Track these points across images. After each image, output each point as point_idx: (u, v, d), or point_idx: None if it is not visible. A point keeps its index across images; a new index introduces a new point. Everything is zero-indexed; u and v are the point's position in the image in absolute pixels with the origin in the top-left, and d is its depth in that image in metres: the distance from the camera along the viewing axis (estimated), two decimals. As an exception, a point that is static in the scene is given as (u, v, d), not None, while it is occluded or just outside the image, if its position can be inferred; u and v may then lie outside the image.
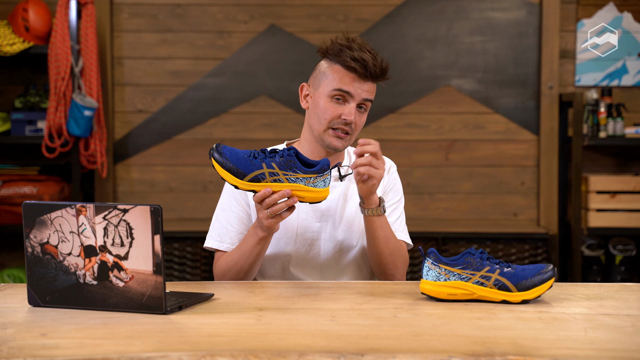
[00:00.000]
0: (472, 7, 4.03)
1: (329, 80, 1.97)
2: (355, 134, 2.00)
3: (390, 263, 1.98)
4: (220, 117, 4.06)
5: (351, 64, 1.93)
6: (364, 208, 1.92)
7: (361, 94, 1.96)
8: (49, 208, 1.56)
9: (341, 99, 1.96)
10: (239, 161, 1.75)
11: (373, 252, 1.97)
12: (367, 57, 1.93)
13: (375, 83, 1.99)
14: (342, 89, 1.95)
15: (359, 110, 1.98)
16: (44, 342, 1.32)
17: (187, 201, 4.08)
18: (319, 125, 1.98)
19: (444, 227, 3.88)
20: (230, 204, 2.04)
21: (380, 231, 1.94)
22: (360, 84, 1.95)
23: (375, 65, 1.94)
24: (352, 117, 1.95)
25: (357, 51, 1.94)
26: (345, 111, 1.95)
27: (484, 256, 1.65)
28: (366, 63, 1.93)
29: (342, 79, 1.95)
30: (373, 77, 1.96)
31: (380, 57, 1.97)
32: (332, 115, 1.96)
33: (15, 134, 3.83)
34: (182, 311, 1.54)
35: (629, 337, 1.36)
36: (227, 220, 2.03)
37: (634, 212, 3.80)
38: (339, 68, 1.96)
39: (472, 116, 4.06)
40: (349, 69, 1.95)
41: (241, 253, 1.92)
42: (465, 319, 1.49)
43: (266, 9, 4.03)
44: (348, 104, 1.96)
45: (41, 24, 3.77)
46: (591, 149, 4.06)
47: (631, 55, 4.01)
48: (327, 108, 1.96)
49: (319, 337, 1.34)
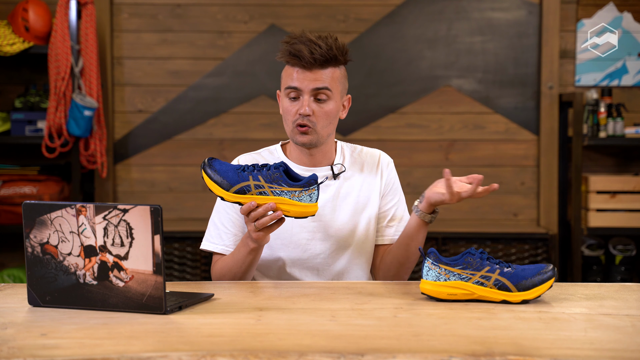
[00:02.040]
0: (472, 7, 4.03)
1: (282, 81, 2.00)
2: (321, 124, 1.97)
3: (410, 268, 2.04)
4: (220, 117, 4.06)
5: (290, 59, 1.95)
6: (426, 213, 1.93)
7: (309, 85, 1.94)
8: (49, 208, 1.56)
9: (294, 94, 1.97)
10: (226, 173, 1.78)
11: (403, 254, 2.01)
12: (301, 47, 1.92)
13: (326, 69, 1.95)
14: (290, 85, 1.96)
15: (318, 101, 1.96)
16: (44, 342, 1.32)
17: (187, 201, 4.08)
18: (287, 127, 2.00)
19: (444, 227, 3.88)
20: (224, 207, 2.04)
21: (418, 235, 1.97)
22: (305, 74, 1.94)
23: (313, 52, 1.91)
24: (305, 110, 1.94)
25: (293, 45, 1.93)
26: (298, 106, 1.96)
27: (484, 256, 1.65)
28: (301, 53, 1.92)
29: (289, 76, 1.97)
30: (318, 64, 1.93)
31: (331, 43, 1.93)
32: (290, 113, 1.97)
33: (15, 134, 3.83)
34: (182, 311, 1.54)
35: (629, 337, 1.36)
36: (221, 222, 2.04)
37: (634, 212, 3.80)
38: (286, 67, 1.98)
39: (472, 116, 4.06)
40: (291, 64, 1.96)
41: (234, 261, 1.93)
42: (465, 319, 1.49)
43: (266, 9, 4.03)
44: (301, 98, 1.96)
45: (41, 24, 3.77)
46: (591, 149, 4.06)
47: (631, 55, 4.01)
48: (286, 108, 1.98)
49: (319, 337, 1.34)
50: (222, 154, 4.05)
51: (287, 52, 1.94)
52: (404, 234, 2.00)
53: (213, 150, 4.05)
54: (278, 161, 1.93)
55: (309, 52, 1.92)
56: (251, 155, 2.10)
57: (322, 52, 1.93)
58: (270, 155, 2.09)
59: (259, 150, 2.11)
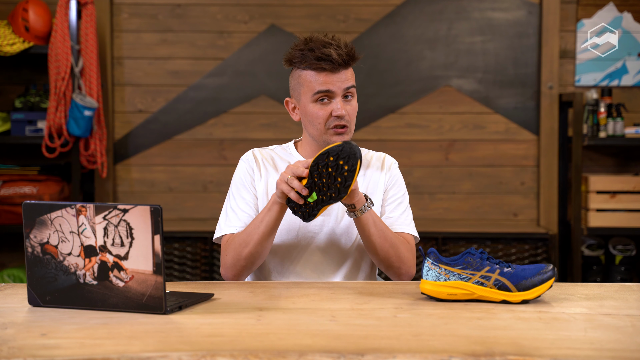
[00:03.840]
0: (472, 7, 4.03)
1: (306, 88, 1.99)
2: (353, 121, 2.02)
3: (394, 256, 1.98)
4: (220, 117, 4.06)
5: (318, 64, 1.95)
6: (356, 211, 1.92)
7: (341, 86, 1.97)
8: (49, 208, 1.56)
9: (325, 98, 1.98)
10: None
11: (372, 249, 1.97)
12: (330, 51, 1.94)
13: (349, 67, 2.00)
14: (322, 90, 1.97)
15: (346, 99, 1.99)
16: (44, 342, 1.32)
17: (187, 201, 4.08)
18: (317, 131, 2.00)
19: (444, 227, 3.88)
20: (239, 192, 2.06)
21: (373, 227, 1.94)
22: (335, 77, 1.96)
23: (340, 55, 1.95)
24: (342, 111, 1.96)
25: (318, 50, 1.95)
26: (334, 108, 1.97)
27: (484, 256, 1.65)
28: (331, 57, 1.94)
29: (317, 81, 1.97)
30: (344, 65, 1.97)
31: (343, 42, 1.98)
32: (323, 117, 1.98)
33: (15, 134, 3.83)
34: (182, 311, 1.54)
35: (629, 337, 1.36)
36: (237, 206, 2.05)
37: (634, 212, 3.80)
38: (310, 73, 1.98)
39: (472, 116, 4.06)
40: (319, 70, 1.97)
41: (253, 225, 1.93)
42: (465, 319, 1.49)
43: (266, 9, 4.03)
44: (334, 100, 1.97)
45: (41, 24, 3.77)
46: (591, 149, 4.06)
47: (631, 55, 4.01)
48: (316, 113, 1.98)
49: (319, 337, 1.34)
50: (222, 154, 4.06)
51: (315, 57, 1.95)
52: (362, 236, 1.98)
53: (213, 150, 4.06)
54: (291, 157, 2.03)
55: (337, 54, 1.94)
56: (265, 151, 2.13)
57: (347, 52, 1.97)
58: (283, 151, 2.13)
59: (272, 147, 2.15)
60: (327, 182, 1.82)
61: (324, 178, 1.82)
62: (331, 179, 1.82)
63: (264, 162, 2.10)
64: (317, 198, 1.83)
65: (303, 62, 1.98)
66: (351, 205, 1.90)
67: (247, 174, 2.08)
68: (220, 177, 4.06)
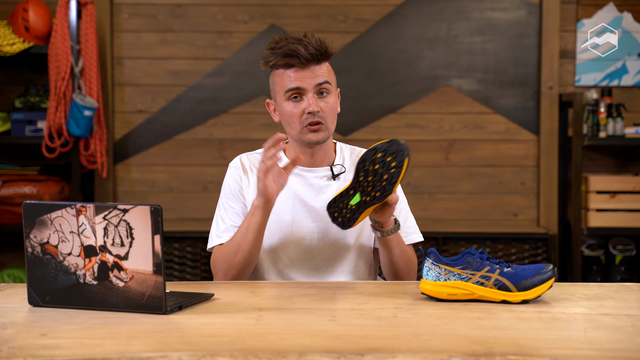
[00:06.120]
0: (472, 7, 4.03)
1: (279, 86, 1.98)
2: (330, 118, 1.98)
3: (406, 273, 2.01)
4: (220, 117, 4.06)
5: (286, 60, 1.94)
6: (382, 231, 1.91)
7: (311, 82, 1.95)
8: (49, 208, 1.56)
9: (298, 96, 1.96)
10: None
11: (389, 266, 1.99)
12: (297, 47, 1.92)
13: (321, 63, 1.97)
14: (291, 87, 1.96)
15: (321, 96, 1.97)
16: (44, 342, 1.32)
17: (187, 201, 4.08)
18: (293, 130, 1.99)
19: (444, 227, 3.88)
20: (228, 202, 2.05)
21: (396, 247, 1.96)
22: (304, 73, 1.95)
23: (307, 50, 1.93)
24: (314, 107, 1.94)
25: (284, 46, 1.94)
26: (305, 105, 1.95)
27: (484, 256, 1.65)
28: (298, 52, 1.92)
29: (288, 78, 1.96)
30: (314, 60, 1.95)
31: (314, 39, 1.95)
32: (297, 115, 1.96)
33: (15, 134, 3.83)
34: (182, 311, 1.54)
35: (629, 337, 1.36)
36: (227, 216, 2.04)
37: (634, 212, 3.80)
38: (280, 71, 1.97)
39: (472, 116, 4.06)
40: (287, 67, 1.95)
41: (239, 233, 1.92)
42: (465, 319, 1.49)
43: (266, 9, 4.03)
44: (305, 96, 1.96)
45: (41, 24, 3.77)
46: (591, 149, 4.06)
47: (631, 55, 4.01)
48: (290, 111, 1.97)
49: (319, 337, 1.34)
50: (222, 154, 4.06)
51: (282, 54, 1.94)
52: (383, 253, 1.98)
53: (213, 150, 4.06)
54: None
55: (304, 50, 1.92)
56: (253, 156, 2.11)
57: (316, 47, 1.94)
58: None
59: (259, 150, 2.11)
60: (373, 180, 1.78)
61: (370, 176, 1.78)
62: (377, 176, 1.77)
63: (252, 168, 2.08)
64: (360, 200, 1.79)
65: (272, 60, 1.96)
66: (379, 223, 1.88)
67: (235, 183, 2.07)
68: (220, 177, 4.02)
